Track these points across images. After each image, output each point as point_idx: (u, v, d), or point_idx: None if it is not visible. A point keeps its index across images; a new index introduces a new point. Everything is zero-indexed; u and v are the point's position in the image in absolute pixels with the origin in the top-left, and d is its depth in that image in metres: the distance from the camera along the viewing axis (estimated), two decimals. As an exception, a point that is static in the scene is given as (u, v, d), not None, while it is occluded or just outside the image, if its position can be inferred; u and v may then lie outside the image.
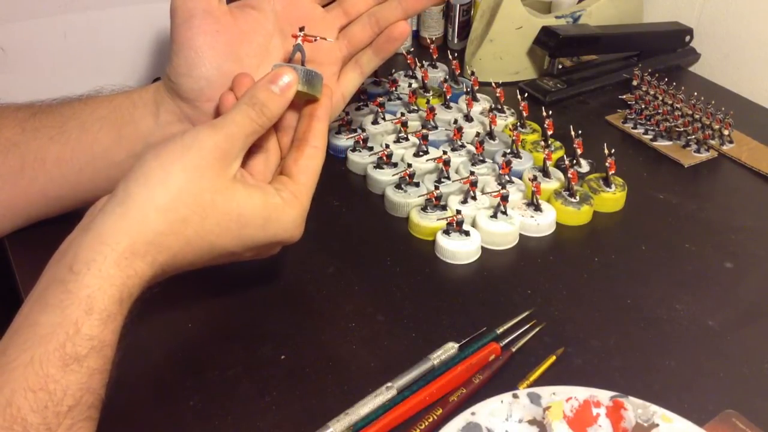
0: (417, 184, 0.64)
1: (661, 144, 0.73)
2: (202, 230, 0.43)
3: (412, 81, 0.82)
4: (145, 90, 0.55)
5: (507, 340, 0.50)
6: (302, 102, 0.52)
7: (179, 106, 0.53)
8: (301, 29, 0.51)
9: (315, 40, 0.51)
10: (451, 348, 0.49)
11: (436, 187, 0.61)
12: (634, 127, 0.76)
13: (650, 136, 0.74)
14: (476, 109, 0.76)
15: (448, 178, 0.65)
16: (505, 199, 0.60)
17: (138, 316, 0.42)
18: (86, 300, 0.38)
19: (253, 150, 0.49)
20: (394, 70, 0.82)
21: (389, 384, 0.47)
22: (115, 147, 0.53)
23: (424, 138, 0.67)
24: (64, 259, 0.39)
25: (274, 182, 0.48)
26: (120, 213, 0.41)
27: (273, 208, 0.46)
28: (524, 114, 0.72)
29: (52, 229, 0.42)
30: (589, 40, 0.84)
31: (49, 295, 0.38)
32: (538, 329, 0.51)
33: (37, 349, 0.36)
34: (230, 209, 0.44)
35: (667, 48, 0.90)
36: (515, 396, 0.45)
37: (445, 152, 0.64)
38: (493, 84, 0.74)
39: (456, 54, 0.84)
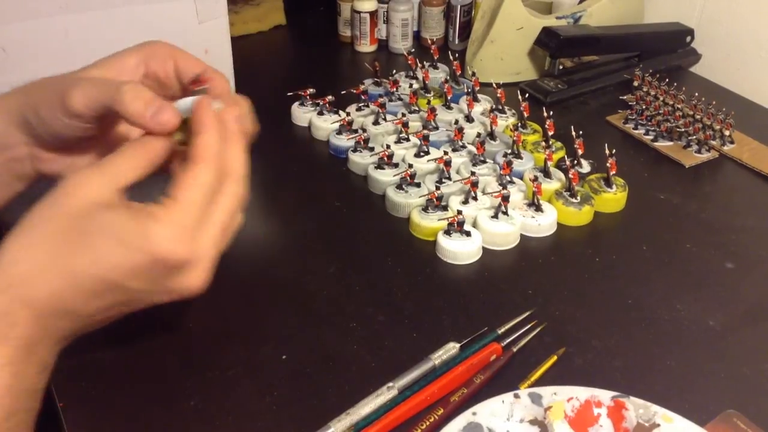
0: (418, 185, 0.64)
1: (662, 144, 0.73)
2: (57, 255, 0.39)
3: (413, 82, 0.82)
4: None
5: (508, 340, 0.50)
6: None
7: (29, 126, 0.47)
8: (197, 76, 0.46)
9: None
10: (452, 348, 0.49)
11: (437, 188, 0.61)
12: (635, 128, 0.76)
13: (651, 137, 0.74)
14: (477, 109, 0.76)
15: (449, 178, 0.65)
16: (506, 199, 0.60)
17: (139, 316, 0.42)
18: None
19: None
20: (395, 71, 0.82)
21: (390, 384, 0.47)
22: None
23: (425, 138, 0.67)
24: None
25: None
26: None
27: (130, 216, 0.39)
28: (525, 114, 0.72)
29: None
30: (590, 41, 0.84)
31: None
32: (539, 329, 0.51)
33: None
34: (84, 224, 0.39)
35: (667, 48, 0.90)
36: (516, 396, 0.45)
37: (446, 153, 0.64)
38: (494, 84, 0.74)
39: (457, 54, 0.84)
